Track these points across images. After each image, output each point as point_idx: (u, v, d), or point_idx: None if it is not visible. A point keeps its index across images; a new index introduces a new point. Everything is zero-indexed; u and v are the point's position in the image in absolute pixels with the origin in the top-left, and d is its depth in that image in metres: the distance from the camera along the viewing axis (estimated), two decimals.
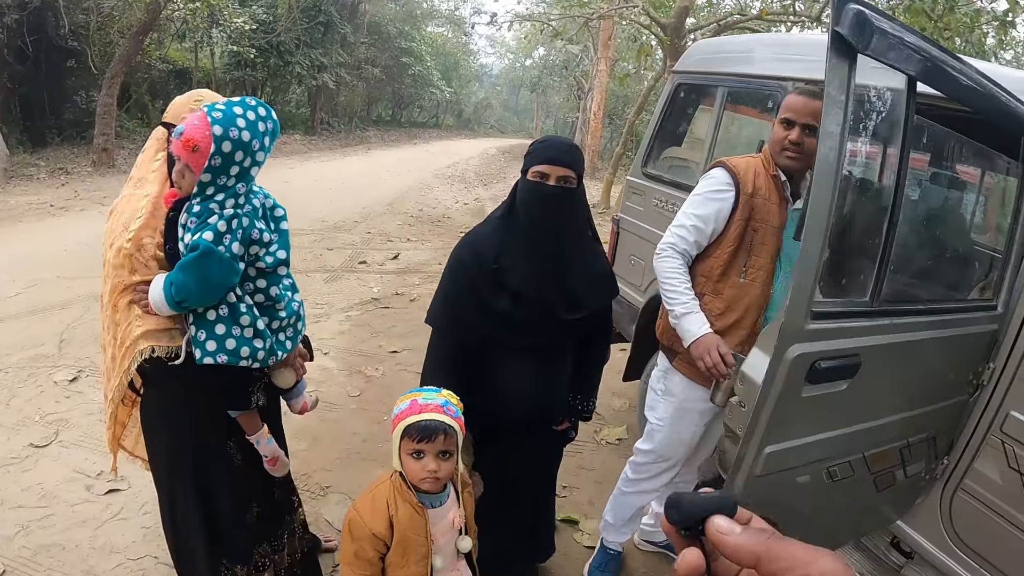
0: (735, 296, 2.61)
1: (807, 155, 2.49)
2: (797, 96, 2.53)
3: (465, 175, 19.40)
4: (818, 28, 10.92)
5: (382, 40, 27.43)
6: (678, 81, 4.29)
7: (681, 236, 2.66)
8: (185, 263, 1.94)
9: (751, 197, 2.57)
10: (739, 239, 2.59)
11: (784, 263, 2.59)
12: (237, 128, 1.96)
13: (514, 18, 15.41)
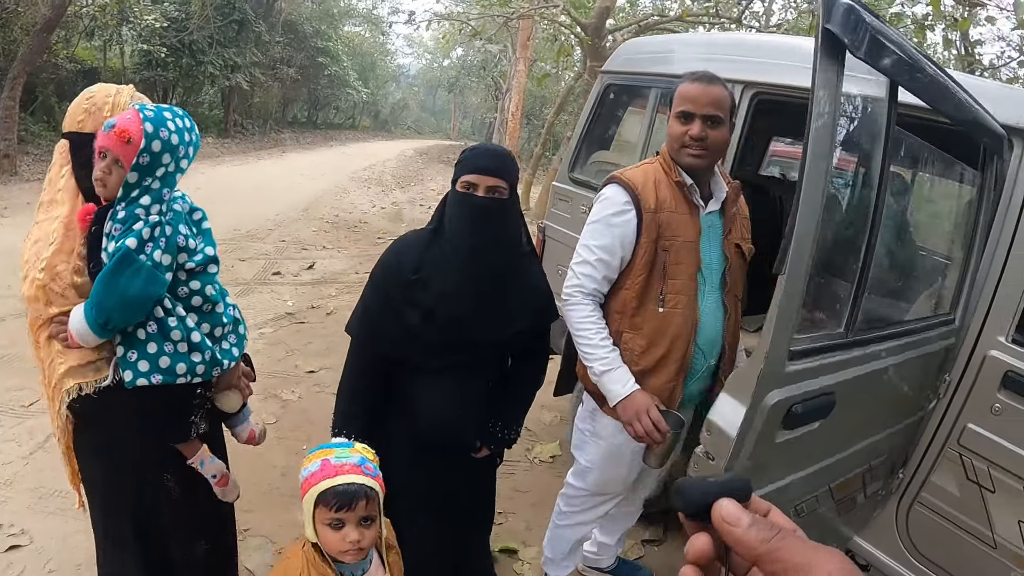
0: (657, 329, 2.29)
1: (713, 150, 2.24)
2: (692, 84, 2.23)
3: (382, 178, 19.00)
4: (740, 30, 10.95)
5: (298, 39, 26.67)
6: (607, 82, 4.07)
7: (587, 275, 2.34)
8: (103, 275, 1.81)
9: (655, 213, 2.25)
10: (649, 264, 2.27)
11: (708, 276, 2.33)
12: (167, 129, 1.91)
13: (433, 17, 15.08)
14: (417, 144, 36.18)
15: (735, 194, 2.41)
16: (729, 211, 2.38)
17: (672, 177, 2.29)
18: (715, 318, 2.36)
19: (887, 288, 2.44)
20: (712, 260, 2.33)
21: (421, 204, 14.73)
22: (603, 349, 2.30)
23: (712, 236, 2.33)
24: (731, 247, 2.37)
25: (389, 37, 40.24)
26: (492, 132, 34.05)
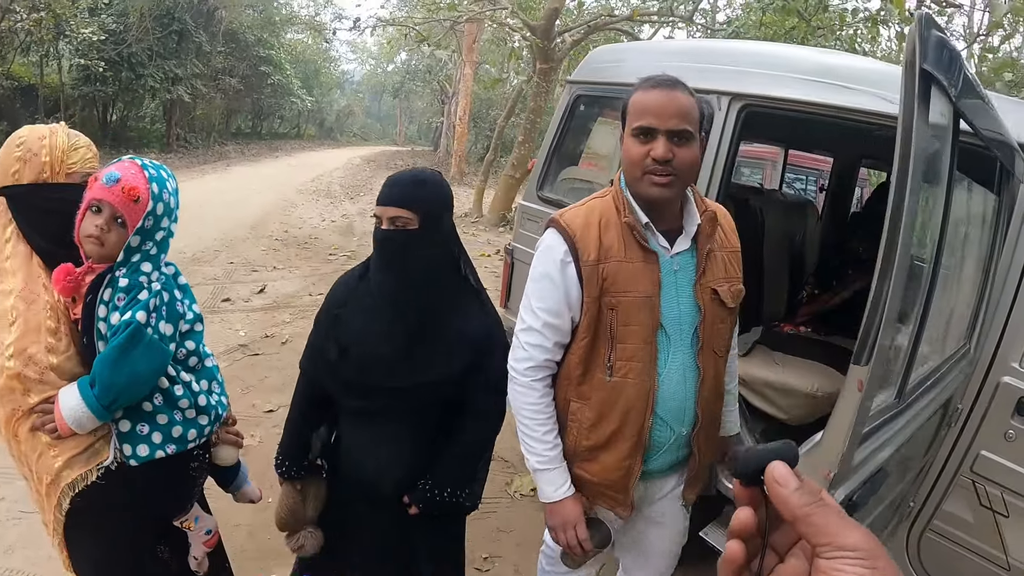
0: (605, 400, 1.90)
1: (683, 174, 1.76)
2: (650, 91, 1.76)
3: (331, 189, 18.50)
4: (693, 29, 10.86)
5: (240, 49, 25.93)
6: (577, 92, 3.82)
7: (535, 345, 1.94)
8: (108, 354, 1.70)
9: (597, 264, 1.83)
10: (592, 326, 1.87)
11: (674, 333, 1.88)
12: (168, 191, 1.85)
13: (378, 22, 14.71)
14: (364, 151, 35.59)
15: (710, 226, 1.91)
16: (702, 247, 1.89)
17: (623, 217, 1.85)
18: (683, 384, 1.91)
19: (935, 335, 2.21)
20: (680, 313, 1.88)
21: (372, 216, 14.26)
22: (544, 445, 1.96)
23: (680, 282, 1.88)
24: (705, 293, 1.89)
25: (332, 43, 39.64)
26: (439, 136, 33.76)
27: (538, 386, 1.96)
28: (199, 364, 2.01)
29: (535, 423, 1.96)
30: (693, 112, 1.76)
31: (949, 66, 1.24)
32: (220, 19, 23.57)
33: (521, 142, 13.27)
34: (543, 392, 1.96)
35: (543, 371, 1.96)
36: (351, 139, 46.00)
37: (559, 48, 13.01)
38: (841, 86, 2.61)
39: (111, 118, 21.22)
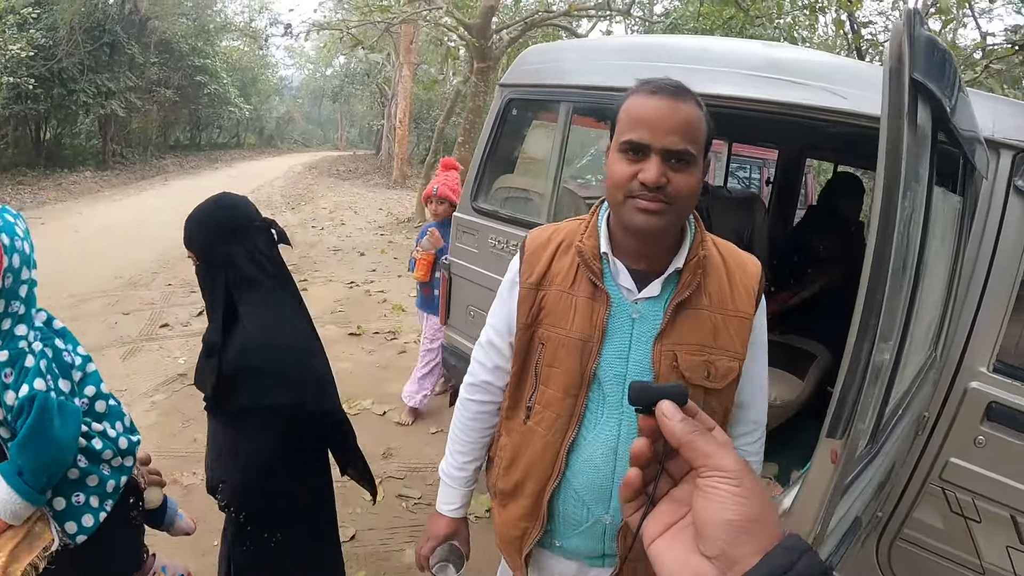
0: (518, 445, 1.68)
1: (678, 205, 1.41)
2: (648, 97, 1.41)
3: (271, 199, 18.04)
4: (631, 22, 10.77)
5: (174, 59, 25.16)
6: (509, 96, 3.60)
7: (477, 362, 1.80)
8: (26, 436, 1.60)
9: (535, 289, 1.60)
10: (521, 357, 1.65)
11: (611, 394, 1.54)
12: (19, 238, 1.67)
13: (311, 27, 14.34)
14: (305, 158, 34.98)
15: (691, 275, 1.51)
16: (675, 296, 1.51)
17: (581, 240, 1.57)
18: (610, 460, 1.56)
19: (910, 354, 2.07)
20: (626, 371, 1.53)
21: (313, 225, 13.98)
22: (455, 461, 1.85)
23: (638, 334, 1.53)
24: (666, 357, 1.51)
25: (269, 49, 38.93)
26: (380, 140, 33.40)
27: (470, 406, 1.82)
28: (105, 407, 1.90)
29: (454, 437, 1.86)
30: (699, 129, 1.42)
31: (941, 71, 1.07)
32: (153, 29, 22.87)
33: (461, 142, 13.09)
34: (474, 415, 1.82)
35: (481, 393, 1.80)
36: (292, 146, 45.25)
37: (496, 46, 12.87)
38: (788, 81, 2.47)
39: (45, 137, 20.39)
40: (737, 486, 0.61)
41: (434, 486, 4.07)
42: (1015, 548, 2.38)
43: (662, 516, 0.68)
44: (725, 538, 0.59)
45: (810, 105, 2.44)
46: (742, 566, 0.57)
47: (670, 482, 0.70)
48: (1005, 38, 6.79)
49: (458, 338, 3.88)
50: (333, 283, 8.82)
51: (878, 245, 1.05)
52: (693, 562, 0.61)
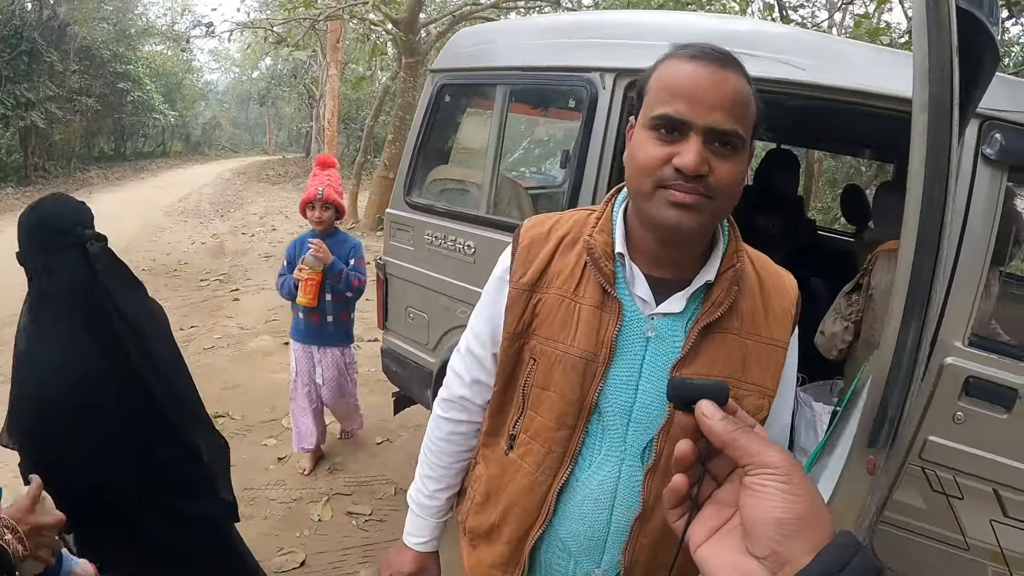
0: (496, 478, 1.40)
1: (721, 199, 1.14)
2: (687, 63, 1.13)
3: (200, 208, 17.42)
4: (561, 12, 10.64)
5: (96, 66, 24.18)
6: (441, 82, 3.38)
7: (454, 373, 1.51)
8: None
9: (530, 290, 1.31)
10: (507, 372, 1.36)
11: (612, 428, 1.26)
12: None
13: (235, 26, 13.85)
14: (234, 164, 34.13)
15: (724, 290, 1.24)
16: (703, 316, 1.23)
17: (590, 239, 1.29)
18: (607, 508, 1.29)
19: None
20: (634, 402, 1.25)
21: (244, 232, 13.50)
22: (424, 487, 1.56)
23: (652, 357, 1.24)
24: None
25: (193, 53, 37.94)
26: (310, 142, 32.80)
27: (443, 424, 1.53)
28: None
29: (424, 460, 1.57)
30: (749, 107, 1.14)
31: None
32: (72, 35, 21.99)
33: (392, 140, 12.82)
34: (447, 436, 1.52)
35: (457, 411, 1.51)
36: (220, 152, 44.21)
37: (424, 41, 12.64)
38: (745, 54, 2.32)
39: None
40: (786, 483, 0.59)
41: (384, 500, 3.91)
42: (999, 521, 2.35)
43: (707, 520, 0.67)
44: (775, 537, 0.57)
45: (767, 78, 2.31)
46: (794, 566, 0.56)
47: (713, 484, 0.69)
48: None
49: (397, 342, 3.69)
50: (266, 291, 8.48)
51: (926, 223, 0.85)
52: (741, 564, 0.60)
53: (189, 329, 6.88)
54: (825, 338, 3.01)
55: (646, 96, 1.18)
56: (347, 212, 14.62)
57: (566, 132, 5.12)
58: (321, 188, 3.88)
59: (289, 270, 3.98)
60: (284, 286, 3.98)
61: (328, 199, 3.91)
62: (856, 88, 2.31)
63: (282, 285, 4.00)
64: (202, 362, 5.85)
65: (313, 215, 3.95)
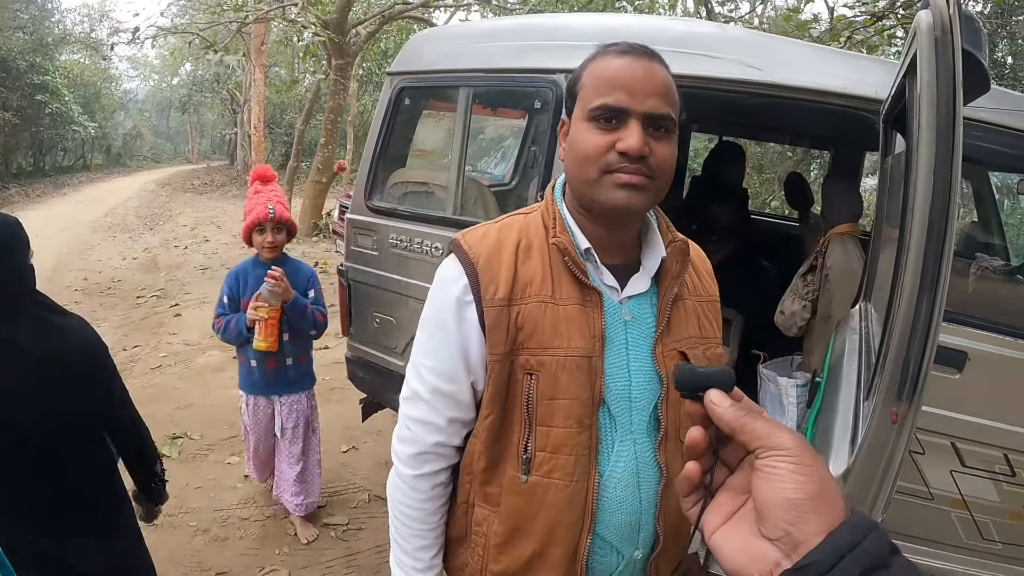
0: (521, 509, 1.32)
1: (659, 178, 1.23)
2: (620, 58, 1.23)
3: (127, 222, 16.89)
4: (488, 12, 10.68)
5: (11, 78, 23.13)
6: (401, 84, 3.40)
7: (422, 423, 1.39)
8: None
9: (508, 305, 1.29)
10: (500, 398, 1.31)
11: (621, 414, 1.30)
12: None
13: (159, 32, 13.51)
14: (158, 175, 33.00)
15: (679, 262, 1.35)
16: (666, 291, 1.33)
17: (552, 236, 1.31)
18: (636, 489, 1.33)
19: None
20: (631, 384, 1.31)
21: (176, 245, 13.16)
22: (415, 563, 1.45)
23: (633, 339, 1.32)
24: (670, 358, 1.32)
25: (112, 61, 36.57)
26: (234, 149, 32.11)
27: (423, 484, 1.41)
28: None
29: (409, 532, 1.44)
30: (675, 94, 1.25)
31: (978, 40, 1.12)
32: None
33: (324, 144, 12.72)
34: (430, 493, 1.42)
35: (433, 461, 1.40)
36: (142, 163, 42.73)
37: (354, 42, 12.54)
38: (704, 56, 2.49)
39: None
40: (796, 463, 0.60)
41: (359, 508, 3.92)
42: (957, 471, 2.58)
43: (721, 507, 0.67)
44: (787, 518, 0.58)
45: (726, 78, 2.47)
46: (807, 546, 0.56)
47: (725, 471, 0.69)
48: (865, 9, 7.15)
49: (365, 348, 3.69)
50: (208, 304, 8.24)
51: (934, 212, 0.99)
52: (755, 546, 0.61)
53: (132, 349, 6.67)
54: (785, 317, 3.19)
55: (580, 92, 1.26)
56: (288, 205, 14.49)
57: (515, 132, 5.17)
58: (272, 206, 3.34)
59: (232, 308, 3.41)
60: (229, 329, 3.34)
61: (281, 218, 3.36)
62: (809, 87, 2.50)
63: (225, 328, 3.36)
64: (151, 383, 5.70)
65: (264, 239, 3.36)
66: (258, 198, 3.38)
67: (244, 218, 3.43)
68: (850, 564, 0.52)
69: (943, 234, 1.06)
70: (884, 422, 1.15)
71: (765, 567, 0.59)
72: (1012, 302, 3.10)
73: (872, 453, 1.21)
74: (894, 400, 1.12)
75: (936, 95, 1.09)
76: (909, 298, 1.12)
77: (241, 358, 3.47)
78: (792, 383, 2.96)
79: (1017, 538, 2.60)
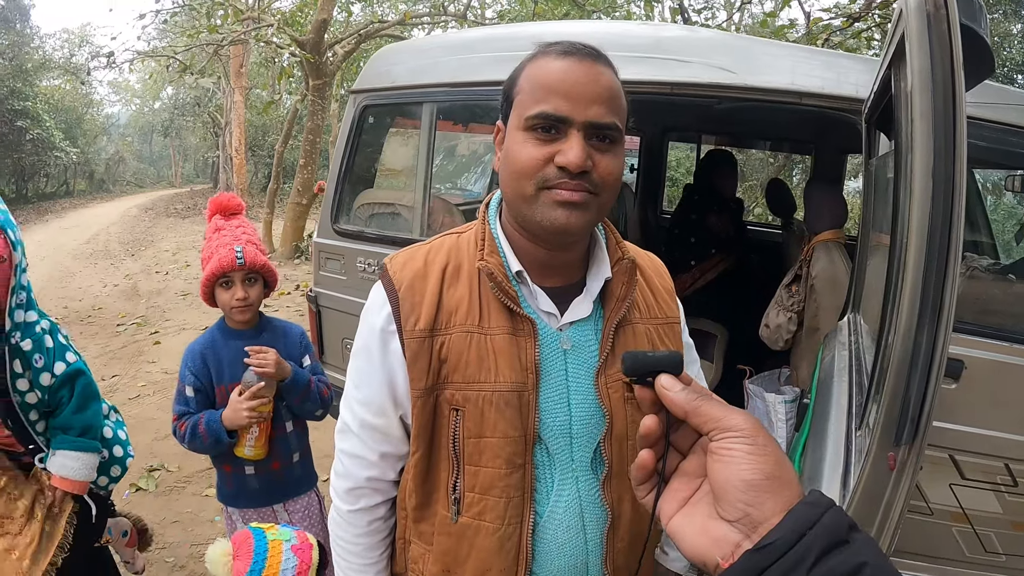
0: (451, 551, 1.23)
1: (604, 195, 1.12)
2: (559, 60, 1.10)
3: (109, 248, 16.68)
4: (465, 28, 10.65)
5: None
6: (364, 103, 3.31)
7: (353, 457, 1.32)
8: (81, 400, 2.01)
9: (429, 336, 1.18)
10: (426, 434, 1.21)
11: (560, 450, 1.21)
12: (13, 227, 1.82)
13: (136, 55, 13.40)
14: (140, 199, 32.72)
15: (625, 283, 1.24)
16: (611, 315, 1.22)
17: (481, 256, 1.20)
18: (579, 531, 1.23)
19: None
20: (570, 419, 1.20)
21: (157, 271, 12.98)
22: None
23: (573, 369, 1.21)
24: (614, 389, 1.21)
25: (92, 86, 36.46)
26: (217, 172, 31.96)
27: (359, 519, 1.34)
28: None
29: (349, 567, 1.37)
30: (622, 101, 1.13)
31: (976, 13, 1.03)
32: None
33: (303, 165, 12.59)
34: (367, 528, 1.35)
35: (368, 496, 1.33)
36: (125, 188, 42.51)
37: (331, 61, 12.48)
38: (675, 60, 2.41)
39: None
40: (751, 444, 0.59)
41: None
42: (957, 484, 2.50)
43: (676, 493, 0.67)
44: (745, 499, 0.58)
45: (699, 83, 2.41)
46: (766, 526, 0.56)
47: (678, 456, 0.69)
48: (840, 11, 7.13)
49: (337, 375, 3.56)
50: (187, 331, 8.15)
51: (934, 221, 0.85)
52: (714, 529, 0.60)
53: (111, 379, 6.55)
54: (770, 330, 3.09)
55: (516, 97, 1.14)
56: (264, 245, 14.34)
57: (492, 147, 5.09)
58: (240, 247, 2.38)
59: (198, 404, 2.41)
60: (199, 435, 2.32)
61: (254, 264, 2.39)
62: (785, 88, 2.42)
63: (192, 434, 2.33)
64: (129, 413, 5.53)
65: (232, 296, 2.38)
66: (220, 238, 2.43)
67: (202, 267, 2.44)
68: (811, 541, 0.53)
69: (946, 247, 0.90)
70: (880, 468, 1.01)
71: (726, 549, 0.58)
72: (1005, 303, 3.01)
73: (868, 503, 1.07)
74: (891, 444, 0.98)
75: (932, 80, 0.93)
76: (907, 325, 0.97)
77: (227, 468, 2.51)
78: (780, 399, 2.86)
79: (1021, 549, 2.54)
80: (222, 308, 2.41)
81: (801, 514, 0.55)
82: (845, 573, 0.51)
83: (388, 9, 16.93)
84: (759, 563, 0.54)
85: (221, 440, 2.30)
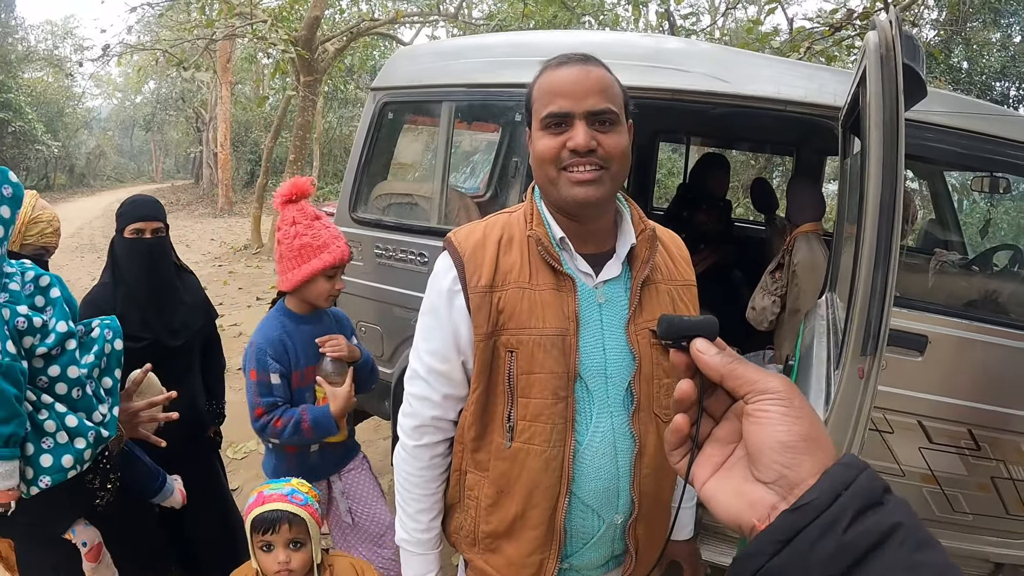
0: (504, 474, 1.49)
1: (614, 167, 1.40)
2: (559, 69, 1.41)
3: (94, 242, 16.70)
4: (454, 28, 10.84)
5: None
6: (384, 100, 3.54)
7: (421, 398, 1.57)
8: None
9: (490, 292, 1.45)
10: (485, 374, 1.47)
11: (597, 388, 1.46)
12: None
13: (127, 49, 13.48)
14: (122, 194, 31.22)
15: (647, 249, 1.51)
16: (637, 275, 1.48)
17: (528, 229, 1.49)
18: (612, 457, 1.48)
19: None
20: (606, 361, 1.46)
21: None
22: (415, 524, 1.63)
23: (607, 320, 1.48)
24: (642, 336, 1.47)
25: (75, 79, 36.11)
26: (199, 167, 31.79)
27: (422, 454, 1.59)
28: (79, 392, 1.80)
29: (410, 496, 1.62)
30: (615, 89, 1.41)
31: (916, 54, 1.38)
32: None
33: (292, 160, 12.72)
34: (429, 462, 1.60)
35: (431, 433, 1.58)
36: (106, 183, 41.95)
37: (322, 58, 12.64)
38: (675, 69, 2.69)
39: None
40: (788, 406, 0.60)
41: None
42: (926, 448, 2.72)
43: (709, 458, 0.68)
44: (782, 460, 0.59)
45: (698, 90, 2.67)
46: (803, 486, 0.56)
47: (711, 422, 0.70)
48: (823, 20, 7.41)
49: None
50: None
51: (884, 196, 1.21)
52: (750, 491, 0.61)
53: None
54: (756, 312, 3.39)
55: (533, 105, 1.45)
56: (252, 237, 14.35)
57: (485, 146, 5.31)
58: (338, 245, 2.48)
59: (284, 392, 2.43)
60: (299, 430, 2.35)
61: (344, 258, 2.49)
62: (774, 96, 2.71)
63: (295, 429, 2.35)
64: None
65: (334, 285, 2.47)
66: (322, 230, 2.46)
67: (290, 258, 2.43)
68: (847, 501, 0.53)
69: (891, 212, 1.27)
70: (852, 378, 1.34)
71: (763, 510, 0.59)
72: (967, 290, 3.30)
73: (844, 407, 1.40)
74: (859, 357, 1.33)
75: (883, 102, 1.31)
76: (867, 267, 1.33)
77: (291, 449, 2.52)
78: None
79: (987, 509, 2.76)
80: (316, 296, 2.45)
81: (837, 475, 0.55)
82: (880, 533, 0.52)
83: (377, 8, 17.09)
84: (796, 523, 0.54)
85: (331, 432, 2.42)
